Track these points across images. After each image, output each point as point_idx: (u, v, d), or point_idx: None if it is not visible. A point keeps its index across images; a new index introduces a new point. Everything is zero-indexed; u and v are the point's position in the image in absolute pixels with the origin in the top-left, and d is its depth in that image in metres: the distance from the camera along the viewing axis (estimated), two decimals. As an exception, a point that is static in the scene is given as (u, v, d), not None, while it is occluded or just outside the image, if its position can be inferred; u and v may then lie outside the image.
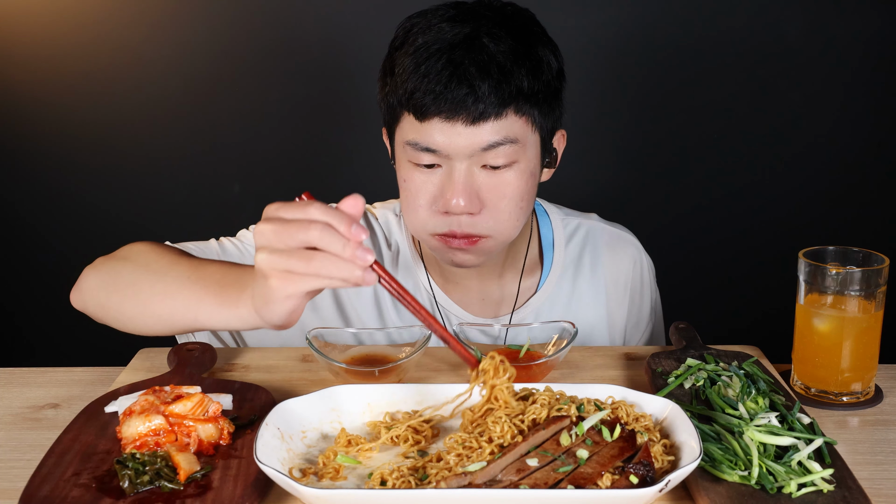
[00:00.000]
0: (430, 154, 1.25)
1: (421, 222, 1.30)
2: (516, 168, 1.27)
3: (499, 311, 1.49)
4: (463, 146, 1.23)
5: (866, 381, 1.23)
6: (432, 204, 1.28)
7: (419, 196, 1.28)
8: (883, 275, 1.20)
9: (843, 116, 2.51)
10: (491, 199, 1.27)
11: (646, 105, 2.51)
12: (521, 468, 0.95)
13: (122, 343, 1.36)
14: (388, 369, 1.24)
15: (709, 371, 1.21)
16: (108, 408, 1.13)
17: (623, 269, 1.53)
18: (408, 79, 1.23)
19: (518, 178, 1.27)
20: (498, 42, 1.23)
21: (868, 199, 2.56)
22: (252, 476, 0.98)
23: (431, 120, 1.23)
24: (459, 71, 1.21)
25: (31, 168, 2.60)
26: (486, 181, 1.26)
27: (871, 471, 1.05)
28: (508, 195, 1.27)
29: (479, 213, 1.27)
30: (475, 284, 1.47)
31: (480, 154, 1.24)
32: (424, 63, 1.22)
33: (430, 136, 1.24)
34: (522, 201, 1.29)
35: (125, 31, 2.49)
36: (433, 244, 1.32)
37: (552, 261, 1.50)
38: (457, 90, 1.20)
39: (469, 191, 1.25)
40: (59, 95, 2.54)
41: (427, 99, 1.22)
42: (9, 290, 2.71)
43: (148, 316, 1.16)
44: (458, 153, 1.24)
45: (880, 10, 2.43)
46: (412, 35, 1.26)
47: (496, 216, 1.28)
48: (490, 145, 1.23)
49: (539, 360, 1.24)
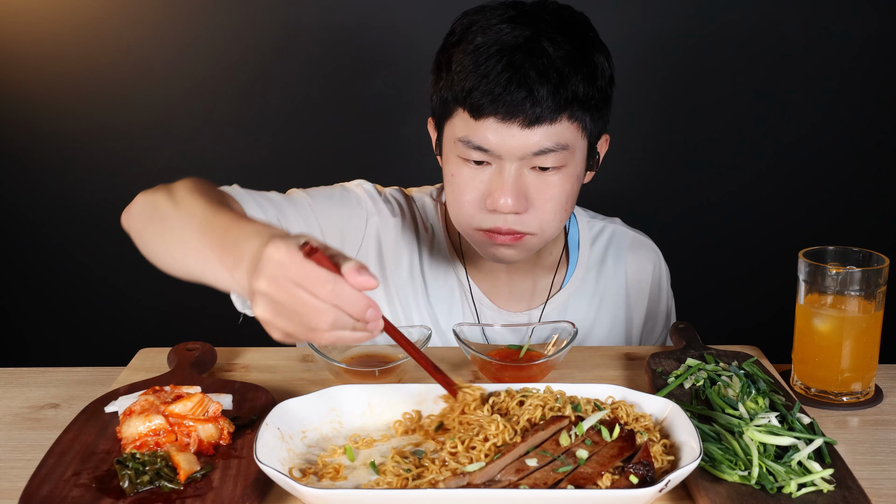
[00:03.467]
0: (480, 152, 1.27)
1: (466, 218, 1.32)
2: (564, 172, 1.29)
3: (525, 305, 1.51)
4: (515, 148, 1.25)
5: (866, 381, 1.23)
6: (479, 201, 1.30)
7: (466, 192, 1.30)
8: (883, 275, 1.20)
9: (844, 116, 2.51)
10: (537, 200, 1.29)
11: (645, 107, 2.51)
12: (521, 468, 0.95)
13: (122, 343, 1.36)
14: (388, 369, 1.24)
15: (709, 371, 1.21)
16: (108, 408, 1.13)
17: (644, 271, 1.57)
18: (466, 77, 1.25)
19: (565, 181, 1.29)
20: (557, 47, 1.24)
21: (868, 199, 2.56)
22: (252, 476, 0.98)
23: (487, 119, 1.24)
24: (519, 74, 1.22)
25: (31, 168, 2.60)
26: (533, 182, 1.28)
27: (871, 471, 1.05)
28: (555, 197, 1.29)
29: (525, 212, 1.29)
30: (505, 278, 1.49)
31: (531, 157, 1.26)
32: (484, 63, 1.23)
33: (484, 136, 1.25)
34: (567, 203, 1.32)
35: (125, 31, 2.49)
36: (477, 238, 1.34)
37: (577, 259, 1.53)
38: (516, 93, 1.22)
39: (517, 191, 1.27)
40: (59, 95, 2.54)
41: (485, 99, 1.23)
42: (8, 290, 2.71)
43: (170, 257, 1.14)
44: (510, 154, 1.25)
45: (880, 9, 2.43)
46: (471, 33, 1.27)
47: (541, 216, 1.30)
48: (542, 150, 1.25)
49: (539, 360, 1.24)
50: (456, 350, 1.37)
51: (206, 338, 1.36)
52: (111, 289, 2.66)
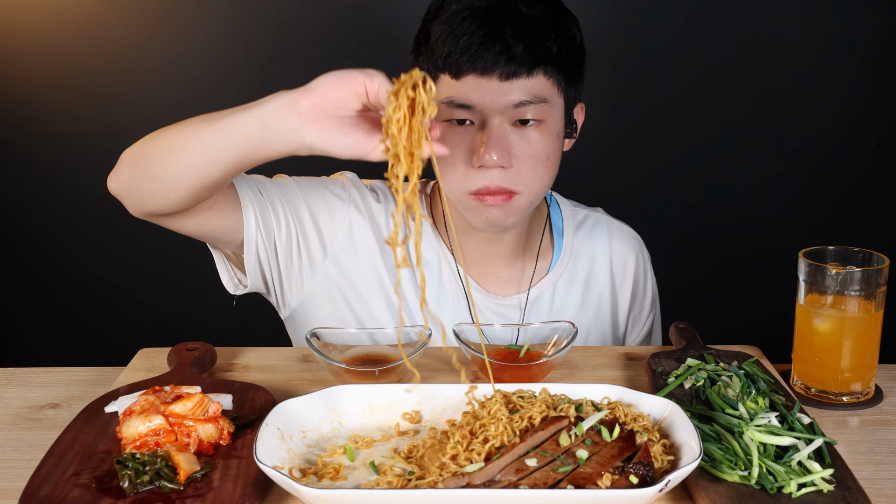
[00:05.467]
0: (464, 110, 1.33)
1: (457, 181, 1.37)
2: (544, 127, 1.35)
3: (514, 290, 1.54)
4: (496, 101, 1.31)
5: (866, 381, 1.23)
6: (467, 160, 1.35)
7: (455, 154, 1.35)
8: (883, 275, 1.20)
9: (844, 116, 2.51)
10: (521, 156, 1.34)
11: (646, 105, 2.51)
12: (520, 468, 0.95)
13: (121, 343, 1.36)
14: (388, 369, 1.24)
15: (709, 371, 1.21)
16: (108, 408, 1.13)
17: (628, 257, 1.61)
18: (444, 42, 1.32)
19: (546, 137, 1.35)
20: (530, 7, 1.32)
21: (868, 199, 2.56)
22: (252, 476, 0.98)
23: (466, 77, 1.31)
24: (495, 31, 1.29)
25: (30, 168, 2.59)
26: (516, 138, 1.34)
27: (871, 471, 1.05)
28: (537, 152, 1.35)
29: (511, 167, 1.34)
30: (493, 263, 1.52)
31: (512, 110, 1.32)
32: (459, 26, 1.31)
33: (465, 93, 1.32)
34: (549, 161, 1.36)
35: (125, 31, 2.48)
36: (469, 204, 1.38)
37: (562, 245, 1.58)
38: (492, 48, 1.29)
39: (502, 145, 1.32)
40: (59, 95, 2.53)
41: (463, 58, 1.30)
42: (7, 290, 2.71)
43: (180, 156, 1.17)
44: (491, 109, 1.31)
45: (881, 9, 2.43)
46: (446, 5, 1.34)
47: (526, 173, 1.35)
48: (521, 102, 1.31)
49: (539, 360, 1.24)
50: (455, 350, 1.37)
51: (206, 338, 1.36)
52: (111, 289, 2.66)
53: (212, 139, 1.14)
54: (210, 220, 1.32)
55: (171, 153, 1.19)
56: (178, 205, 1.23)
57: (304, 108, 1.06)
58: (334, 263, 1.48)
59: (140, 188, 1.25)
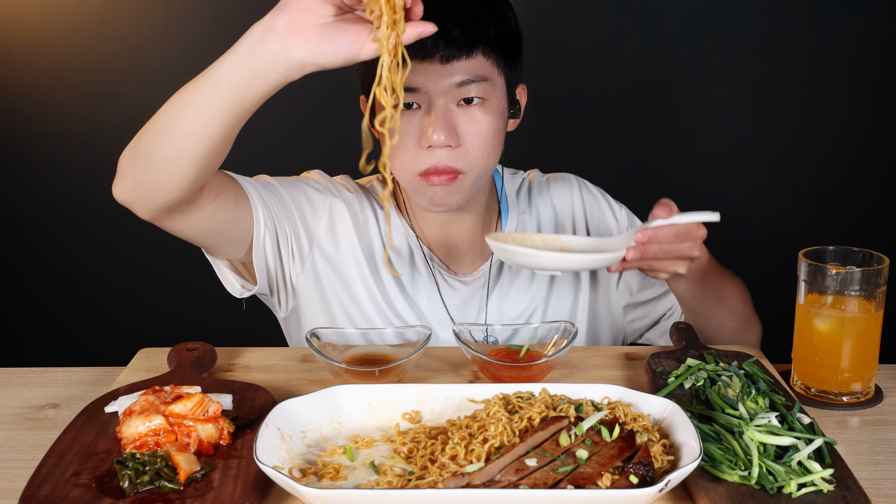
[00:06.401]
0: (410, 93, 1.37)
1: (407, 163, 1.40)
2: (488, 106, 1.39)
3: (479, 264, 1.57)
4: (439, 83, 1.36)
5: (866, 381, 1.23)
6: (416, 142, 1.38)
7: (404, 137, 1.39)
8: (883, 275, 1.20)
9: (844, 116, 2.51)
10: (467, 136, 1.38)
11: (645, 105, 2.51)
12: (520, 468, 0.95)
13: (121, 343, 1.36)
14: (388, 369, 1.24)
15: (709, 371, 1.21)
16: (108, 408, 1.13)
17: (569, 198, 1.64)
18: None
19: (490, 115, 1.39)
20: None
21: (868, 199, 2.56)
22: (252, 476, 0.98)
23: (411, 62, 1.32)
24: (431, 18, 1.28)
25: (30, 168, 2.60)
26: (462, 118, 1.38)
27: (871, 471, 1.05)
28: (483, 132, 1.39)
29: (457, 147, 1.38)
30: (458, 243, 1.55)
31: (455, 90, 1.36)
32: None
33: (410, 77, 1.35)
34: (494, 139, 1.40)
35: (125, 31, 2.49)
36: (417, 185, 1.41)
37: (508, 209, 1.62)
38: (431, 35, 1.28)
39: (448, 125, 1.36)
40: (59, 95, 2.53)
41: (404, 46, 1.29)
42: (7, 290, 2.71)
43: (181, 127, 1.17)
44: (435, 90, 1.36)
45: (881, 9, 2.43)
46: None
47: (471, 151, 1.39)
48: (463, 82, 1.36)
49: (539, 360, 1.24)
50: (456, 350, 1.38)
51: (206, 338, 1.36)
52: (111, 289, 2.66)
53: (201, 100, 1.14)
54: (217, 211, 1.32)
55: (167, 133, 1.19)
56: (187, 184, 1.22)
57: (281, 26, 1.05)
58: (320, 253, 1.51)
59: (146, 182, 1.24)
